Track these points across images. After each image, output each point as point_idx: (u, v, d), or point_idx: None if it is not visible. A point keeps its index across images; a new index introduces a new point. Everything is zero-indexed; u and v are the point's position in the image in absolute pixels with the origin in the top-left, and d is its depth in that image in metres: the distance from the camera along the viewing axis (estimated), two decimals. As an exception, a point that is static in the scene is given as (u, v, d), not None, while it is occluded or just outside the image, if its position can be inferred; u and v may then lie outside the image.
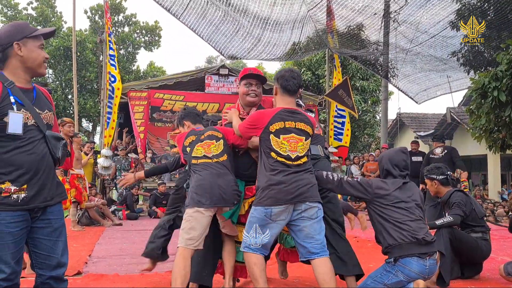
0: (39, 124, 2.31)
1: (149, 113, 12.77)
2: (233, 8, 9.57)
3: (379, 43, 11.66)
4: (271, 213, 2.93)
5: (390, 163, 3.28)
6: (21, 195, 2.21)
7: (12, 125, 2.21)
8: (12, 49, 2.28)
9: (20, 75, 2.32)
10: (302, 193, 2.94)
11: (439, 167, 4.36)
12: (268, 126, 3.03)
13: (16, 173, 2.21)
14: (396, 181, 3.21)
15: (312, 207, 2.97)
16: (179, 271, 3.02)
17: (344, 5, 10.27)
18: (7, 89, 2.24)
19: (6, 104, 2.21)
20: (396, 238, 3.02)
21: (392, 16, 10.55)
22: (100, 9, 24.78)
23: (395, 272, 3.02)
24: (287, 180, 2.94)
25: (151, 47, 27.20)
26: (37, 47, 2.35)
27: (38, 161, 2.27)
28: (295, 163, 3.00)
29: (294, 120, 3.07)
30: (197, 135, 3.45)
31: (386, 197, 3.12)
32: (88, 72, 23.16)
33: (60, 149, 2.37)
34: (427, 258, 3.00)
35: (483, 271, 4.14)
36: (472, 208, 4.09)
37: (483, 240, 4.04)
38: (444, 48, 11.13)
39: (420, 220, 3.11)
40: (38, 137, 2.30)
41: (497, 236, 6.40)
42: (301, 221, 2.96)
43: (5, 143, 2.21)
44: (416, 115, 21.09)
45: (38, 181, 2.27)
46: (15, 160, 2.21)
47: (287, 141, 3.02)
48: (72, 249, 5.69)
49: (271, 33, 10.41)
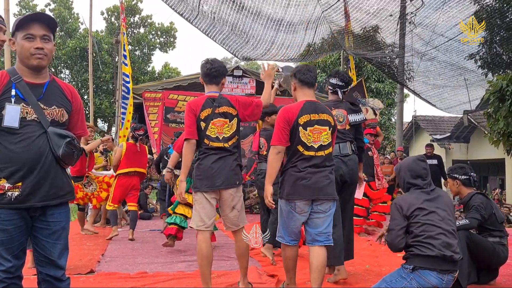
0: (41, 119, 2.22)
1: (163, 114, 12.82)
2: (246, 11, 9.57)
3: (395, 45, 11.55)
4: (295, 206, 3.22)
5: (411, 175, 3.20)
6: (15, 193, 2.14)
7: (8, 118, 2.15)
8: (12, 46, 2.28)
9: (23, 69, 2.26)
10: (322, 189, 3.20)
11: (462, 166, 4.26)
12: (297, 119, 3.22)
13: (11, 169, 2.14)
14: (423, 192, 3.13)
15: (327, 201, 3.23)
16: (200, 252, 3.33)
17: (359, 8, 10.20)
18: (12, 83, 2.20)
19: (5, 97, 2.17)
20: (423, 250, 2.94)
21: (408, 18, 10.44)
22: (116, 11, 25.03)
23: (409, 280, 2.95)
24: (309, 176, 3.18)
25: (166, 48, 27.39)
26: (22, 38, 2.22)
27: (34, 158, 2.17)
28: (318, 154, 3.22)
29: (317, 112, 3.27)
30: (212, 108, 3.43)
31: (417, 214, 3.02)
32: (103, 73, 23.40)
33: (62, 147, 2.23)
34: (447, 274, 2.94)
35: (498, 276, 4.05)
36: (492, 212, 3.99)
37: (500, 245, 3.95)
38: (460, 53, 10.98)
39: (452, 234, 3.01)
40: (38, 133, 2.21)
41: (514, 241, 6.27)
42: (315, 213, 3.24)
43: (3, 138, 2.16)
44: (432, 118, 20.82)
45: (34, 179, 2.18)
46: (11, 155, 2.14)
47: (312, 132, 3.23)
48: (85, 248, 5.75)
49: (285, 34, 10.38)
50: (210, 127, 3.38)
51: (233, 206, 3.42)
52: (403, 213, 3.05)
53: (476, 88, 11.78)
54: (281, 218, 3.34)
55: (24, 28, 2.21)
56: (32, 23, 2.22)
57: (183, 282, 3.99)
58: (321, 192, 3.19)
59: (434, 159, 10.35)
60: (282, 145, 3.24)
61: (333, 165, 3.35)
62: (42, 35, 2.23)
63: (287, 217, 3.26)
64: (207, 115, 3.41)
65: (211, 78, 3.51)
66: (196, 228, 3.42)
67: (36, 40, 2.22)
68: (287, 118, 3.24)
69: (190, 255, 5.25)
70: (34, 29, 2.22)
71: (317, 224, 3.24)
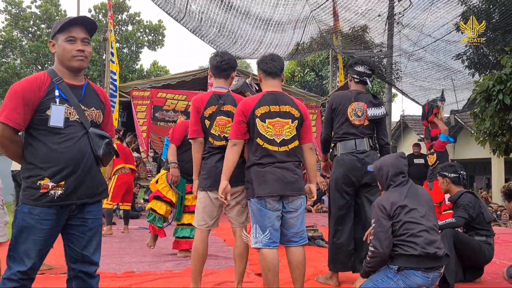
0: (82, 120, 2.30)
1: (152, 112, 12.75)
2: (235, 10, 9.57)
3: (383, 45, 11.62)
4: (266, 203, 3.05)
5: (395, 172, 3.21)
6: (58, 191, 2.21)
7: (54, 118, 2.21)
8: (51, 48, 2.35)
9: (63, 71, 2.32)
10: (290, 185, 3.03)
11: (452, 165, 4.29)
12: (254, 111, 3.05)
13: (55, 168, 2.20)
14: (403, 189, 3.13)
15: (298, 198, 3.08)
16: (197, 251, 3.32)
17: (347, 7, 10.26)
18: (54, 84, 2.25)
19: (50, 98, 2.23)
20: (406, 249, 2.94)
21: (396, 18, 10.51)
22: (104, 8, 24.80)
23: (396, 280, 2.96)
24: (275, 171, 3.02)
25: (155, 46, 27.20)
26: (64, 41, 2.30)
27: (77, 157, 2.25)
28: (281, 149, 3.05)
29: (278, 103, 3.08)
30: (218, 106, 3.36)
31: (399, 212, 3.01)
32: (91, 71, 23.19)
33: (102, 148, 2.33)
34: (432, 271, 2.95)
35: (484, 274, 4.10)
36: (480, 212, 4.03)
37: (486, 244, 3.99)
38: (447, 53, 11.09)
39: (434, 230, 3.02)
40: (80, 133, 2.28)
41: (499, 240, 6.35)
42: (288, 213, 3.08)
43: (47, 138, 2.22)
44: (420, 118, 20.99)
45: (77, 178, 2.25)
46: (55, 155, 2.21)
47: (273, 125, 3.06)
48: (71, 247, 5.68)
49: (273, 33, 10.42)
50: (214, 126, 3.34)
51: (238, 201, 3.37)
52: (387, 212, 3.04)
53: (463, 91, 11.91)
54: (254, 220, 3.11)
55: (65, 31, 2.29)
56: (73, 26, 2.30)
57: (170, 281, 3.96)
58: (289, 187, 3.02)
59: (421, 158, 10.43)
60: (237, 138, 3.09)
61: (299, 161, 3.14)
62: (82, 38, 2.31)
63: (260, 216, 3.05)
64: (211, 112, 3.34)
65: (220, 71, 3.45)
66: (197, 226, 3.40)
67: (77, 42, 2.30)
68: (243, 110, 3.08)
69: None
70: (75, 32, 2.30)
71: (291, 224, 3.08)
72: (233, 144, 3.12)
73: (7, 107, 2.17)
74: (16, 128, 2.18)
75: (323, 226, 7.39)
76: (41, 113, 2.21)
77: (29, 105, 2.19)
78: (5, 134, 2.18)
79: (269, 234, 3.04)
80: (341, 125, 3.85)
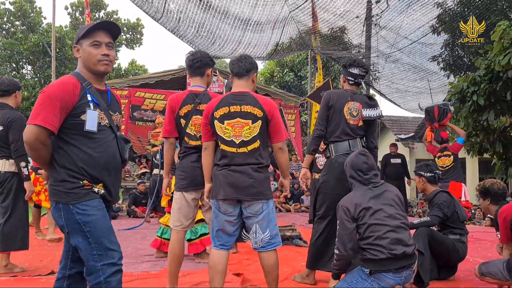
0: (111, 125, 2.35)
1: (130, 111, 12.61)
2: (213, 10, 9.55)
3: (361, 46, 11.76)
4: (219, 205, 3.03)
5: (353, 169, 3.21)
6: (101, 190, 2.28)
7: (89, 122, 2.24)
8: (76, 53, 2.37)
9: (88, 76, 2.34)
10: (245, 190, 2.94)
11: (428, 164, 4.36)
12: (213, 113, 3.02)
13: (91, 172, 2.24)
14: (367, 189, 3.11)
15: (256, 203, 2.97)
16: (172, 252, 3.32)
17: (326, 9, 10.34)
18: (85, 89, 2.27)
19: (83, 102, 2.25)
20: (374, 253, 2.93)
21: (374, 20, 10.64)
22: (81, 6, 24.46)
23: (370, 281, 2.96)
24: (230, 174, 2.96)
25: (133, 44, 26.94)
26: (88, 45, 2.31)
27: (111, 161, 2.31)
28: (240, 150, 2.97)
29: (240, 103, 3.01)
30: (194, 105, 3.34)
31: (364, 214, 2.98)
32: (67, 69, 22.80)
33: (127, 151, 2.41)
34: (404, 270, 2.95)
35: (457, 272, 4.18)
36: (455, 211, 4.11)
37: (460, 242, 4.07)
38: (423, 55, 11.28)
39: (402, 227, 3.00)
40: (110, 137, 2.34)
41: (472, 238, 6.49)
42: (247, 218, 3.02)
43: (80, 142, 2.24)
44: (397, 118, 21.31)
45: (111, 182, 2.32)
46: (91, 159, 2.24)
47: (232, 126, 2.99)
48: (46, 248, 5.58)
49: (252, 33, 10.44)
50: (190, 125, 3.31)
51: None
52: (351, 215, 3.01)
53: (438, 93, 12.14)
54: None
55: (90, 35, 2.30)
56: (98, 31, 2.32)
57: (147, 282, 3.93)
58: (243, 192, 2.93)
59: (398, 158, 10.59)
60: (205, 141, 3.09)
61: (261, 164, 3.01)
62: (107, 42, 2.33)
63: (214, 217, 3.06)
64: (187, 111, 3.32)
65: (194, 70, 3.44)
66: (172, 227, 3.38)
67: (102, 47, 2.32)
68: (205, 112, 3.08)
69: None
70: (100, 36, 2.32)
71: (254, 229, 3.00)
72: (204, 148, 3.12)
73: (44, 111, 2.15)
74: (52, 132, 2.18)
75: (301, 226, 7.43)
76: (75, 117, 2.22)
77: (64, 109, 2.19)
78: (40, 138, 2.16)
79: (218, 236, 3.04)
80: (337, 124, 3.75)
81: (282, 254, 5.11)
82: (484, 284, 3.67)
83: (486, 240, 6.57)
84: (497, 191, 3.69)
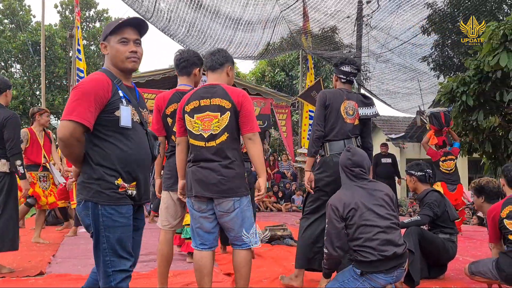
0: (142, 121, 2.35)
1: (120, 111, 12.55)
2: (204, 9, 9.53)
3: (352, 46, 11.80)
4: (192, 203, 2.97)
5: (340, 166, 3.20)
6: (133, 191, 2.25)
7: (124, 118, 2.23)
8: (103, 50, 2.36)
9: (116, 72, 2.32)
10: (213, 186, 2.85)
11: (419, 164, 4.38)
12: (184, 107, 2.97)
13: (126, 169, 2.23)
14: (357, 187, 3.08)
15: (226, 200, 2.86)
16: (161, 252, 3.28)
17: (317, 8, 10.36)
18: (116, 85, 2.26)
19: (116, 99, 2.23)
20: (364, 255, 2.91)
21: (365, 20, 10.69)
22: (70, 4, 24.23)
23: (361, 281, 2.95)
24: (197, 170, 2.88)
25: (124, 44, 26.75)
26: (116, 42, 2.29)
27: (144, 158, 2.30)
28: (208, 144, 2.87)
29: (210, 97, 2.92)
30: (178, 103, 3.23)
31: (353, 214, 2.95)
32: (57, 68, 22.63)
33: (156, 148, 2.39)
34: (395, 270, 2.94)
35: (447, 271, 4.21)
36: (445, 210, 4.13)
37: (450, 241, 4.09)
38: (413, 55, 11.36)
39: (392, 228, 2.98)
40: (142, 133, 2.33)
41: (462, 237, 6.54)
42: (220, 216, 2.91)
43: (115, 138, 2.22)
44: (388, 118, 21.41)
45: (144, 178, 2.31)
46: (126, 156, 2.23)
47: (202, 120, 2.91)
48: (35, 249, 5.53)
49: (243, 33, 10.43)
50: None
51: None
52: (340, 214, 2.98)
53: (427, 95, 12.23)
54: None
55: (118, 32, 2.28)
56: (126, 28, 2.30)
57: (138, 283, 3.89)
58: (211, 189, 2.84)
59: (389, 157, 10.65)
60: (179, 136, 3.03)
61: (230, 160, 2.87)
62: (135, 39, 2.31)
63: (190, 214, 3.01)
64: (173, 110, 3.25)
65: (180, 69, 3.41)
66: (161, 227, 3.35)
67: (130, 43, 2.30)
68: (178, 108, 3.04)
69: (146, 254, 5.14)
70: (127, 33, 2.29)
71: (227, 227, 2.92)
72: (177, 143, 3.06)
73: (79, 106, 2.12)
74: (87, 128, 2.14)
75: (292, 225, 7.44)
76: (109, 113, 2.20)
77: (99, 105, 2.17)
78: (75, 134, 2.12)
79: (197, 234, 2.97)
80: (333, 124, 3.69)
81: (273, 254, 5.13)
82: (474, 283, 3.70)
83: (475, 239, 6.62)
84: (492, 190, 3.70)
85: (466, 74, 7.42)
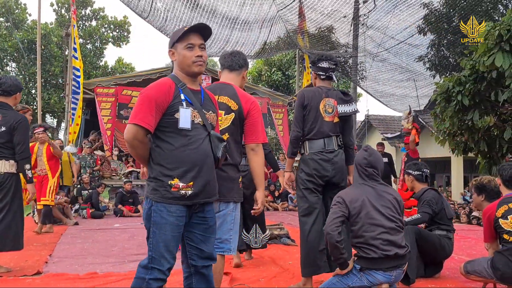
0: (205, 123, 2.42)
1: (117, 109, 12.52)
2: (201, 9, 9.53)
3: (348, 46, 11.83)
4: None
5: (355, 164, 3.23)
6: (188, 191, 2.31)
7: (183, 120, 2.33)
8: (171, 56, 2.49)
9: (183, 77, 2.45)
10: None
11: (416, 163, 4.44)
12: None
13: (184, 169, 2.31)
14: (366, 186, 3.11)
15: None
16: None
17: (313, 8, 10.38)
18: (179, 89, 2.39)
19: (177, 101, 2.35)
20: (367, 252, 2.96)
21: (361, 19, 10.71)
22: (66, 2, 24.17)
23: (360, 277, 3.00)
24: None
25: (120, 42, 26.69)
26: (183, 48, 2.41)
27: (203, 158, 2.36)
28: None
29: (218, 93, 2.88)
30: None
31: (358, 212, 2.99)
32: (53, 66, 22.56)
33: (220, 150, 2.45)
34: (394, 270, 2.98)
35: (443, 269, 4.24)
36: (443, 208, 4.18)
37: (446, 238, 4.13)
38: (409, 55, 11.39)
39: (396, 230, 3.01)
40: (203, 135, 2.40)
41: (458, 236, 6.57)
42: None
43: (175, 139, 2.33)
44: (384, 117, 21.49)
45: (203, 179, 2.36)
46: (183, 156, 2.32)
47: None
48: (32, 248, 5.52)
49: (240, 32, 10.44)
50: None
51: None
52: (345, 203, 3.02)
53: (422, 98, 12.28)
54: None
55: (184, 39, 2.42)
56: (191, 34, 2.42)
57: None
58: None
59: (385, 157, 10.66)
60: None
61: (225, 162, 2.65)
62: (199, 44, 2.44)
63: None
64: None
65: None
66: None
67: (195, 49, 2.42)
68: None
69: (143, 253, 5.15)
70: (193, 39, 2.42)
71: None
72: None
73: (142, 111, 2.29)
74: (148, 130, 2.29)
75: (289, 224, 7.46)
76: (169, 116, 2.33)
77: (160, 108, 2.31)
78: (138, 136, 2.29)
79: None
80: (313, 123, 3.68)
81: (270, 253, 5.14)
82: (469, 282, 3.72)
83: (471, 238, 6.67)
84: (493, 189, 3.74)
85: (461, 74, 7.44)
